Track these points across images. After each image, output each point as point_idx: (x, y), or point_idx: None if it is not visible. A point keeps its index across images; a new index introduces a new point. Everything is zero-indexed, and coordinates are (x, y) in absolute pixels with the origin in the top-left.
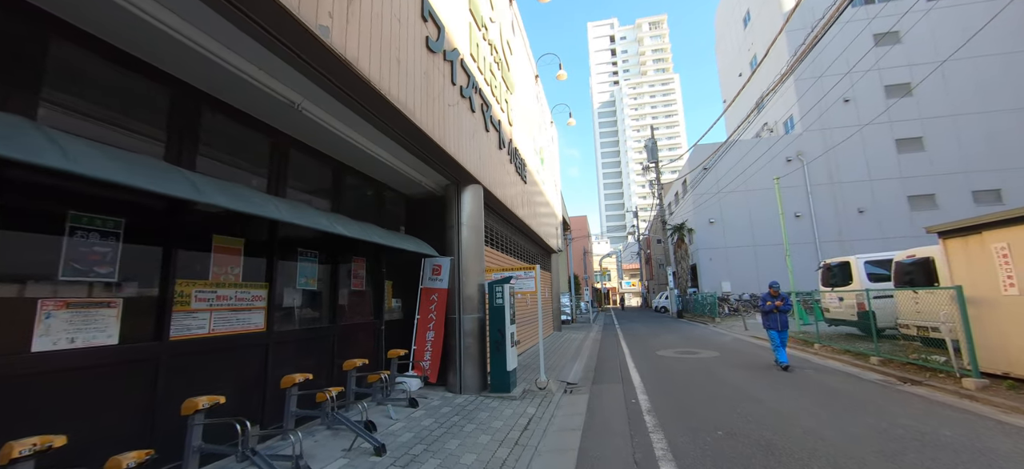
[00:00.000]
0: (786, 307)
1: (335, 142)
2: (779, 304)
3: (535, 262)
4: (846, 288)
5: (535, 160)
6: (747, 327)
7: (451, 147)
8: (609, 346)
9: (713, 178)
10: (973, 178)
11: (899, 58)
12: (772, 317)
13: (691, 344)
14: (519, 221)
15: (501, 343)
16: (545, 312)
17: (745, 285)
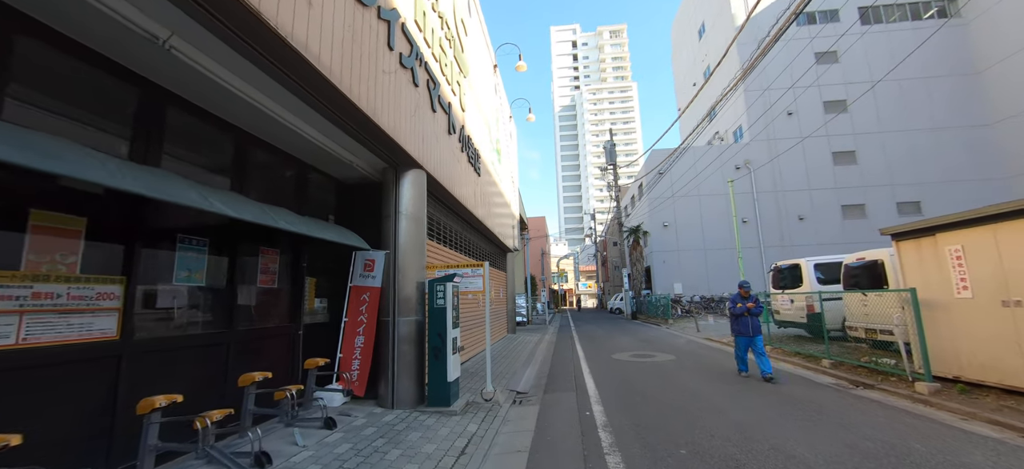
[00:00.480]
0: (758, 310)
1: (231, 103)
2: (751, 306)
3: (492, 262)
4: (797, 290)
5: (491, 154)
6: (699, 328)
7: (386, 122)
8: (564, 349)
9: (667, 182)
10: (897, 190)
11: (837, 76)
12: (743, 321)
13: (646, 347)
14: (471, 216)
15: (441, 350)
16: (498, 314)
17: (696, 287)
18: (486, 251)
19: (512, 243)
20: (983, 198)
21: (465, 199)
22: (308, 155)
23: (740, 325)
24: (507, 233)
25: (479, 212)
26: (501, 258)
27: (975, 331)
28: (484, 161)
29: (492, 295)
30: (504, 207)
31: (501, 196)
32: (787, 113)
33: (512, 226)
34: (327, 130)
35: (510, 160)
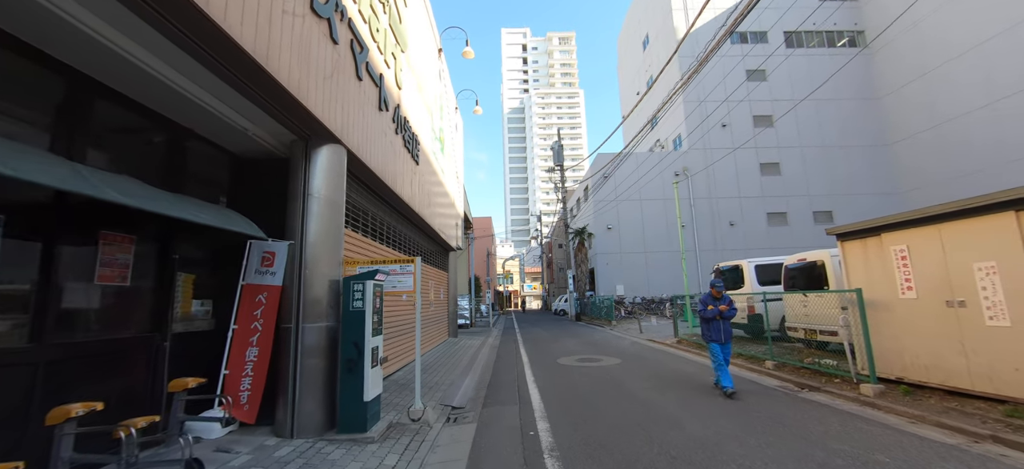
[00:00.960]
0: (731, 313)
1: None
2: (723, 309)
3: (432, 261)
4: (738, 291)
5: (433, 143)
6: (642, 330)
7: (287, 76)
8: (507, 353)
9: (611, 186)
10: (814, 200)
11: (765, 93)
12: (715, 326)
13: (592, 350)
14: (408, 209)
15: (357, 363)
16: (438, 317)
17: (637, 289)
18: (426, 249)
19: (455, 242)
20: (884, 209)
21: (400, 188)
22: (185, 116)
23: (712, 330)
24: (450, 231)
25: (417, 205)
26: (443, 257)
27: (919, 331)
28: (424, 149)
29: (432, 296)
30: (447, 202)
31: (443, 190)
32: (721, 125)
33: (456, 224)
34: (204, 80)
35: (455, 154)
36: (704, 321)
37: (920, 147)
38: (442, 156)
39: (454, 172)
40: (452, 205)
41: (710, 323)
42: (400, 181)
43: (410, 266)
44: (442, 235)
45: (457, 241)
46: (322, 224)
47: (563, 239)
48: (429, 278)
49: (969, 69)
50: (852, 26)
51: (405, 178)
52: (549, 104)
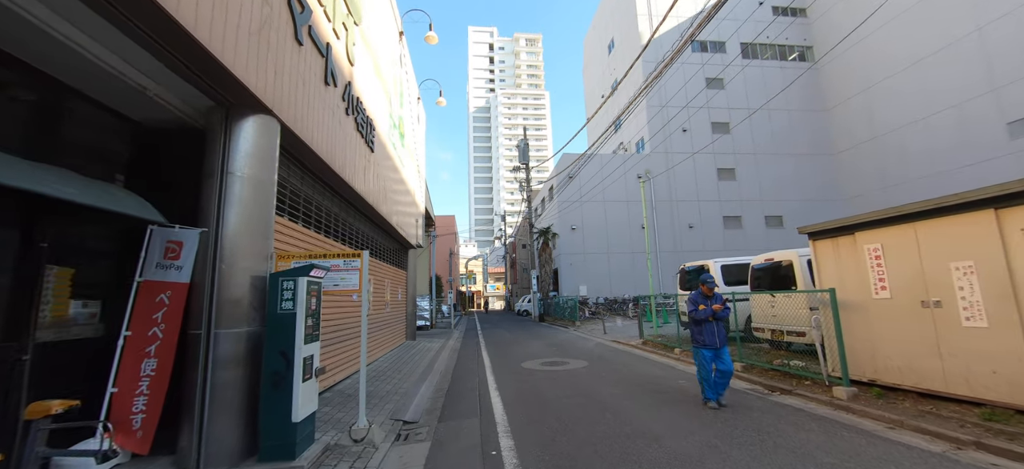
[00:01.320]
0: (725, 313)
1: None
2: (717, 308)
3: (389, 258)
4: None
5: (392, 132)
6: (606, 331)
7: (194, 22)
8: (469, 357)
9: (576, 186)
10: (766, 206)
11: (723, 101)
12: (707, 329)
13: (557, 352)
14: (361, 201)
15: (284, 376)
16: (395, 319)
17: (600, 289)
18: (383, 246)
19: (416, 239)
20: (829, 214)
21: (351, 176)
22: (61, 68)
23: (705, 334)
24: (409, 227)
25: (372, 197)
26: (401, 255)
27: (893, 333)
28: (381, 137)
29: (387, 297)
30: (407, 197)
31: (403, 184)
32: (682, 130)
33: (416, 220)
34: (79, 16)
35: (417, 147)
36: (694, 323)
37: (862, 156)
38: (402, 147)
39: (415, 166)
40: (413, 201)
41: (701, 325)
42: (352, 168)
43: (356, 261)
44: (401, 232)
45: (417, 239)
46: (246, 209)
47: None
48: (385, 277)
49: (907, 83)
50: (802, 41)
51: (358, 166)
52: (515, 105)
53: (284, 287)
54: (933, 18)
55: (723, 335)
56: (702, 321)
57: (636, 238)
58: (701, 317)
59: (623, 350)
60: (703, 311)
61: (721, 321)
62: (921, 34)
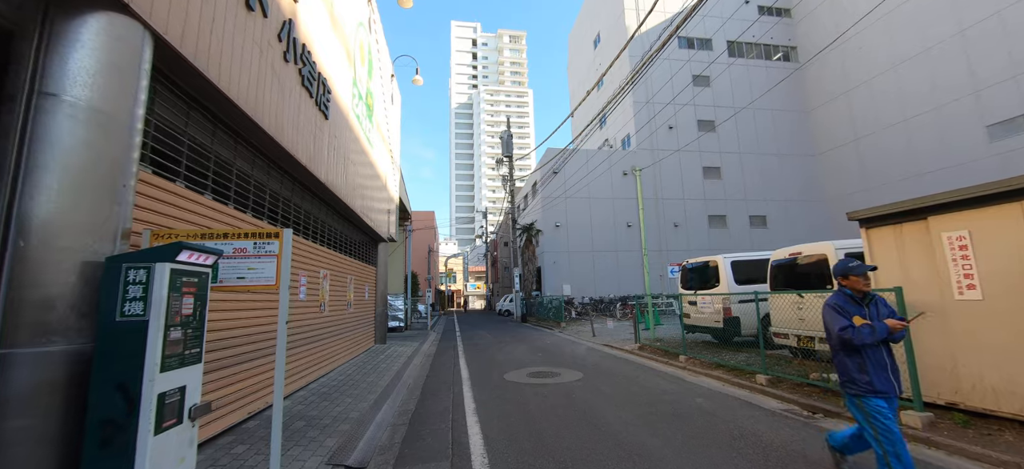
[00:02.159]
0: (900, 336)
1: None
2: (896, 326)
3: (355, 252)
4: (713, 291)
5: (357, 104)
6: (595, 333)
7: None
8: (443, 365)
9: (560, 182)
10: (750, 205)
11: (708, 99)
12: (874, 358)
13: (545, 359)
14: (310, 177)
15: (121, 427)
16: (359, 321)
17: (584, 289)
18: (347, 238)
19: (387, 231)
20: (812, 216)
21: (291, 142)
22: None
23: (872, 369)
24: (379, 217)
25: (328, 174)
26: (370, 249)
27: (985, 344)
28: (341, 103)
29: (350, 296)
30: (376, 182)
31: (371, 166)
32: (668, 127)
33: (388, 210)
34: None
35: (391, 130)
36: (847, 352)
37: (844, 157)
38: (371, 125)
39: (388, 150)
40: (383, 187)
41: (862, 355)
42: (295, 132)
43: (272, 244)
44: (368, 221)
45: (389, 230)
46: (77, 155)
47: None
48: (348, 273)
49: (887, 86)
50: (787, 41)
51: (304, 130)
52: (498, 102)
53: (129, 280)
54: (915, 20)
55: (896, 367)
56: (866, 346)
57: (622, 237)
58: (866, 340)
59: (619, 356)
60: (867, 331)
61: (897, 342)
62: (903, 36)
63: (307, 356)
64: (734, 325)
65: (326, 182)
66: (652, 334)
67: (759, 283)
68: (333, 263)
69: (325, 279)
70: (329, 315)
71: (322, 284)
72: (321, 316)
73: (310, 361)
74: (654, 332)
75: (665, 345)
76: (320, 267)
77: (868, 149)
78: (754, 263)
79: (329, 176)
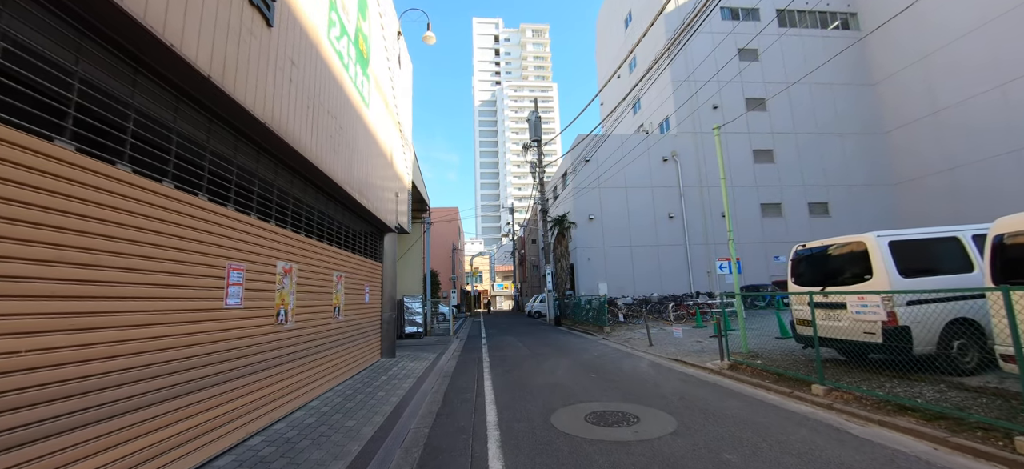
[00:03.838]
0: None
1: None
2: None
3: (347, 244)
4: (861, 287)
5: (335, 32)
6: (652, 341)
7: None
8: (462, 392)
9: (592, 170)
10: (808, 191)
11: (757, 74)
12: None
13: (603, 384)
14: (238, 112)
15: None
16: (358, 330)
17: (622, 287)
18: (339, 224)
19: (395, 218)
20: (881, 201)
21: (175, 32)
22: None
23: None
24: (383, 200)
25: (273, 113)
26: (374, 241)
27: None
28: (302, 17)
29: (338, 298)
30: (375, 152)
31: (366, 130)
32: (712, 106)
33: (395, 193)
34: None
35: (397, 95)
36: None
37: (918, 135)
38: (366, 79)
39: (395, 121)
40: (388, 163)
41: None
42: (181, 17)
43: None
44: (364, 202)
45: (398, 218)
46: None
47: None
48: (337, 268)
49: (973, 52)
50: (845, 7)
51: (212, 23)
52: (522, 97)
53: None
54: None
55: None
56: None
57: (663, 229)
58: None
59: (709, 382)
60: None
61: None
62: None
63: (242, 395)
64: (901, 340)
65: (270, 123)
66: (744, 348)
67: (936, 275)
68: (304, 254)
69: (287, 276)
70: (294, 329)
71: (281, 283)
72: (278, 332)
73: (250, 403)
74: (746, 343)
75: (771, 364)
76: (276, 257)
77: (951, 123)
78: (931, 245)
79: (277, 116)
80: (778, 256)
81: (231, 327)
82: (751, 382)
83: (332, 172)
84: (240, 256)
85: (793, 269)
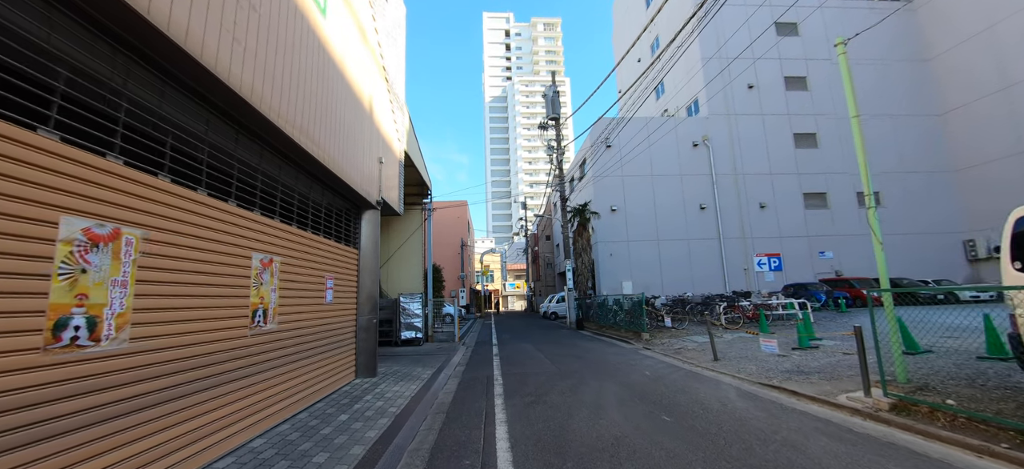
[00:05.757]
0: None
1: None
2: None
3: (299, 222)
4: None
5: None
6: (717, 355)
7: None
8: (457, 455)
9: (614, 158)
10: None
11: (797, 50)
12: None
13: (700, 445)
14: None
15: None
16: (314, 344)
17: (648, 286)
18: (295, 194)
19: (377, 191)
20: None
21: None
22: None
23: None
24: (358, 162)
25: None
26: (347, 220)
27: None
28: None
29: (268, 298)
30: (348, 100)
31: (325, 51)
32: (747, 86)
33: (378, 159)
34: None
35: (380, 35)
36: None
37: (982, 114)
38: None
39: (378, 65)
40: (366, 114)
41: None
42: None
43: None
44: (317, 154)
45: (381, 191)
46: None
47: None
48: (257, 247)
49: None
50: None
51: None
52: (533, 92)
53: None
54: None
55: None
56: None
57: (694, 221)
58: None
59: (879, 437)
60: None
61: None
62: None
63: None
64: None
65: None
66: (897, 368)
67: None
68: (167, 213)
69: (125, 251)
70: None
71: (84, 262)
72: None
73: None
74: (904, 371)
75: (971, 406)
76: (107, 217)
77: (1018, 102)
78: None
79: (189, 33)
80: (824, 252)
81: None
82: (958, 442)
83: (240, 83)
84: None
85: (1012, 244)
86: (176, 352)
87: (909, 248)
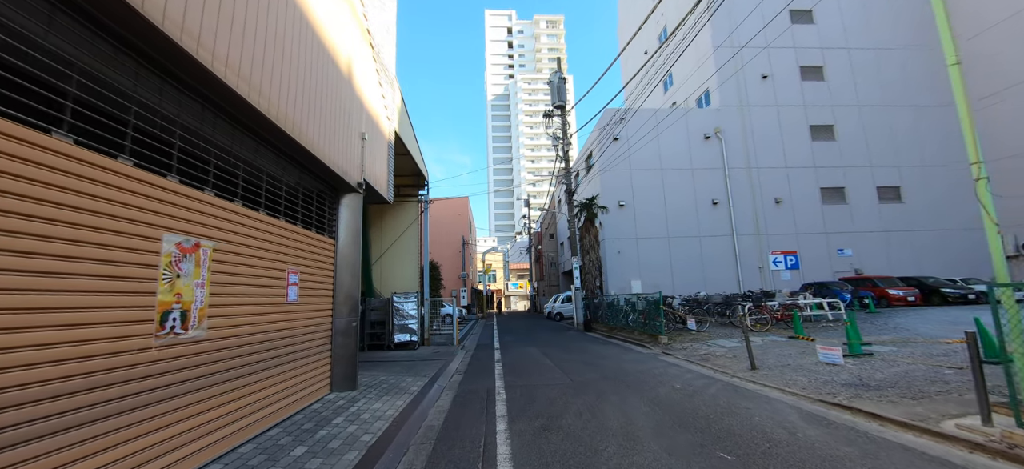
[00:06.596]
0: None
1: None
2: None
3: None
4: None
5: None
6: (755, 364)
7: None
8: None
9: (622, 151)
10: (877, 173)
11: (813, 39)
12: None
13: None
14: None
15: None
16: (257, 358)
17: (659, 285)
18: (266, 173)
19: (359, 172)
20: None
21: None
22: None
23: None
24: (334, 135)
25: None
26: (323, 203)
27: None
28: None
29: (177, 294)
30: (320, 58)
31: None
32: (761, 76)
33: (361, 135)
34: None
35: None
36: None
37: (1006, 108)
38: None
39: (361, 26)
40: (346, 80)
41: None
42: None
43: None
44: (290, 130)
45: (364, 172)
46: None
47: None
48: (178, 229)
49: None
50: None
51: None
52: (536, 89)
53: None
54: None
55: None
56: None
57: (706, 217)
58: None
59: None
60: None
61: None
62: None
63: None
64: None
65: None
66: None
67: None
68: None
69: None
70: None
71: None
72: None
73: None
74: (1018, 391)
75: None
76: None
77: None
78: None
79: None
80: (842, 249)
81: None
82: None
83: (229, 81)
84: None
85: None
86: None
87: (934, 246)
